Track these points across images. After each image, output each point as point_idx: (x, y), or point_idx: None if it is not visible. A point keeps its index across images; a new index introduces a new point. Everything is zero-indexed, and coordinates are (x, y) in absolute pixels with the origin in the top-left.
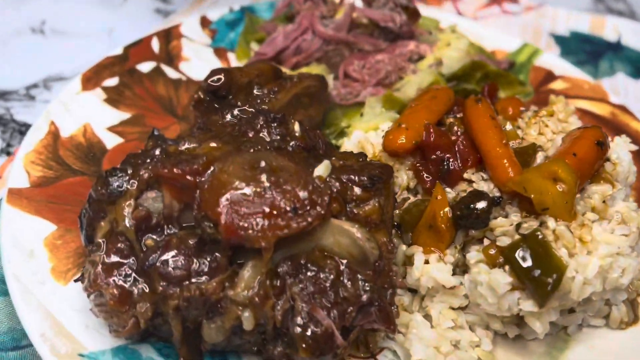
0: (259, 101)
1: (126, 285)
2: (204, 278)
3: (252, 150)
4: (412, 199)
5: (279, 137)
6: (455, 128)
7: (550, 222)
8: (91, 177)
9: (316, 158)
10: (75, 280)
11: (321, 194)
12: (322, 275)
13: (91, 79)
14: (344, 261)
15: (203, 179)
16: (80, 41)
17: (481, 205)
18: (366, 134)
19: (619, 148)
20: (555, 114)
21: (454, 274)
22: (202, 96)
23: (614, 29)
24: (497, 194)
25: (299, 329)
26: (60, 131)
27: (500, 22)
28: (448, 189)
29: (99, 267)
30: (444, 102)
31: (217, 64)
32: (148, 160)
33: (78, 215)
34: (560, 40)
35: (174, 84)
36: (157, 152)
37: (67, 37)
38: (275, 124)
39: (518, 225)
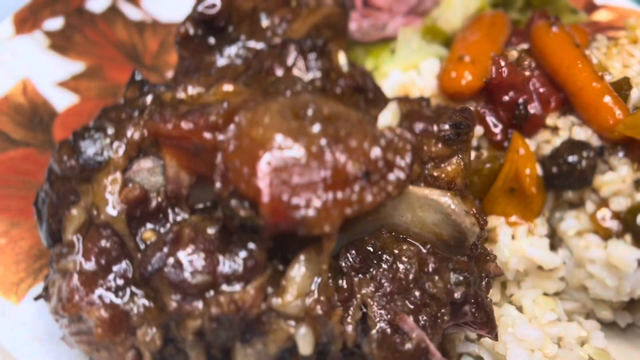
0: (269, 34)
1: (120, 303)
2: (237, 285)
3: (288, 94)
4: (484, 155)
5: (320, 74)
6: (527, 62)
7: None
8: (40, 149)
9: (368, 103)
10: (36, 298)
11: (399, 150)
12: (400, 267)
13: (27, 20)
14: (426, 245)
15: (225, 136)
16: None
17: (585, 158)
18: (407, 74)
19: None
20: (639, 40)
21: None
22: (191, 30)
23: None
24: (597, 143)
25: (378, 348)
26: None
27: None
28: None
29: (75, 278)
30: (504, 31)
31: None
32: (137, 114)
33: (34, 202)
34: None
35: (137, 26)
36: (149, 100)
37: None
38: (315, 56)
39: (638, 182)
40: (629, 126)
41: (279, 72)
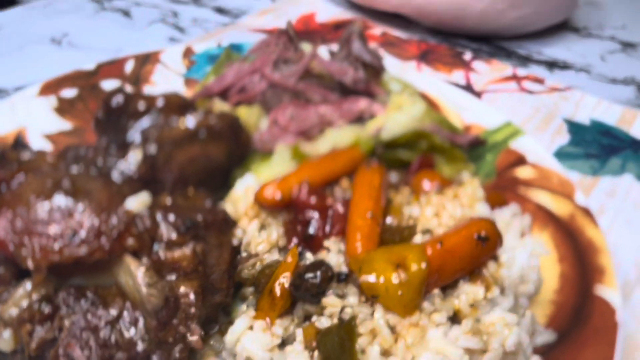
0: (149, 128)
1: None
2: None
3: (73, 170)
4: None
5: (112, 163)
6: (336, 191)
7: (377, 313)
8: None
9: (156, 193)
10: None
11: (115, 227)
12: (100, 312)
13: (51, 87)
14: (135, 303)
15: (7, 187)
16: (87, 55)
17: (312, 277)
18: (255, 182)
19: (520, 250)
20: (460, 197)
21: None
22: (99, 115)
23: None
24: (346, 269)
25: None
26: None
27: (512, 98)
28: (309, 255)
29: None
30: (344, 164)
31: (183, 92)
32: None
33: None
34: (575, 128)
35: None
36: None
37: (78, 51)
38: (114, 149)
39: (343, 308)
40: (355, 260)
41: (90, 155)
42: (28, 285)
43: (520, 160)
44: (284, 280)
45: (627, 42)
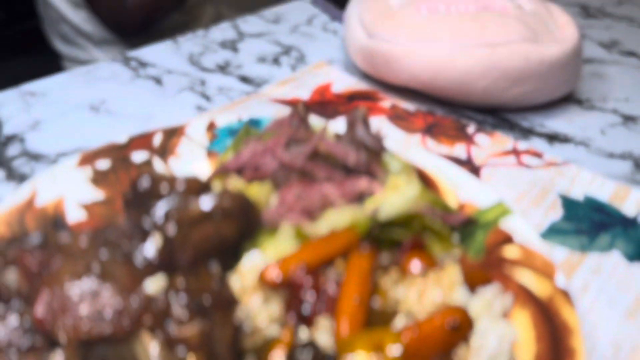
0: (169, 211)
1: None
2: (14, 354)
3: (100, 255)
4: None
5: (135, 247)
6: (331, 273)
7: None
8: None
9: (171, 275)
10: None
11: (135, 308)
12: None
13: (88, 159)
14: None
15: (45, 268)
16: (121, 122)
17: (302, 357)
18: (261, 259)
19: (492, 334)
20: (441, 281)
21: None
22: (128, 196)
23: (636, 203)
24: (333, 350)
25: None
26: (35, 200)
27: (510, 173)
28: (305, 331)
29: None
30: (339, 246)
31: (206, 164)
32: (16, 245)
33: None
34: (569, 204)
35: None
36: (35, 239)
37: (114, 117)
38: (138, 233)
39: None
40: (341, 343)
41: (120, 241)
42: (59, 354)
43: (507, 240)
44: (278, 357)
45: (629, 116)
